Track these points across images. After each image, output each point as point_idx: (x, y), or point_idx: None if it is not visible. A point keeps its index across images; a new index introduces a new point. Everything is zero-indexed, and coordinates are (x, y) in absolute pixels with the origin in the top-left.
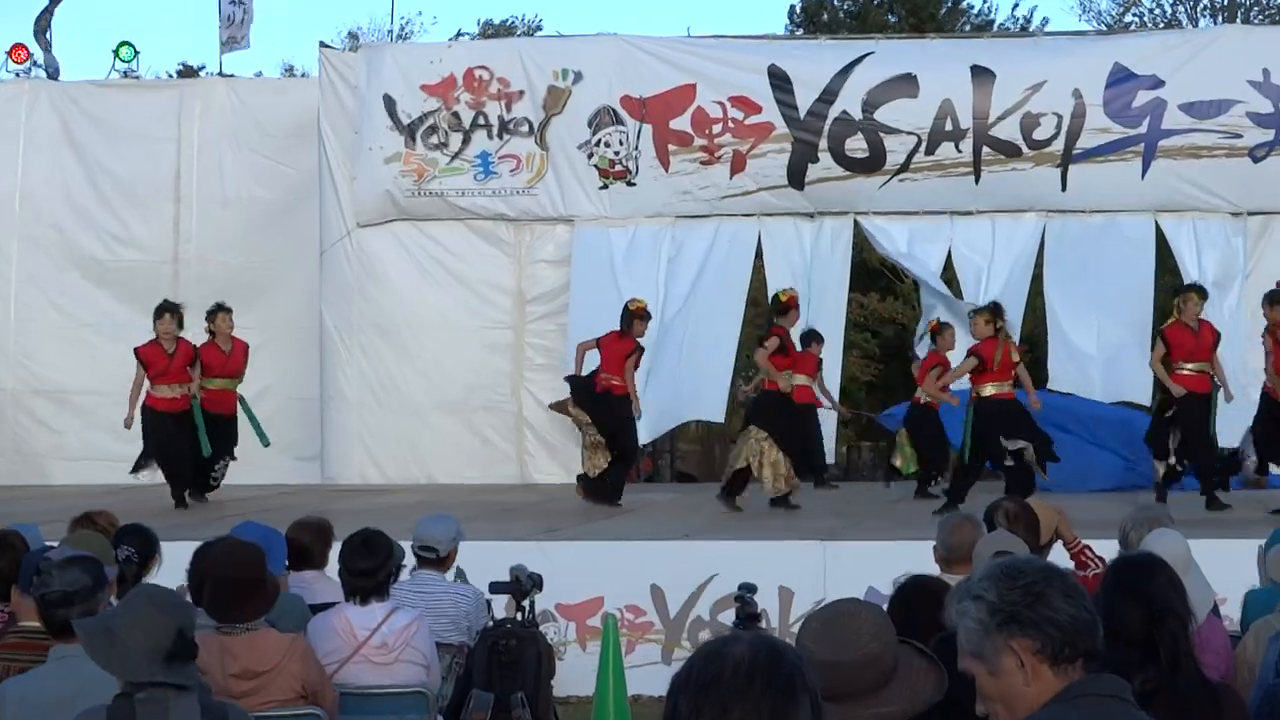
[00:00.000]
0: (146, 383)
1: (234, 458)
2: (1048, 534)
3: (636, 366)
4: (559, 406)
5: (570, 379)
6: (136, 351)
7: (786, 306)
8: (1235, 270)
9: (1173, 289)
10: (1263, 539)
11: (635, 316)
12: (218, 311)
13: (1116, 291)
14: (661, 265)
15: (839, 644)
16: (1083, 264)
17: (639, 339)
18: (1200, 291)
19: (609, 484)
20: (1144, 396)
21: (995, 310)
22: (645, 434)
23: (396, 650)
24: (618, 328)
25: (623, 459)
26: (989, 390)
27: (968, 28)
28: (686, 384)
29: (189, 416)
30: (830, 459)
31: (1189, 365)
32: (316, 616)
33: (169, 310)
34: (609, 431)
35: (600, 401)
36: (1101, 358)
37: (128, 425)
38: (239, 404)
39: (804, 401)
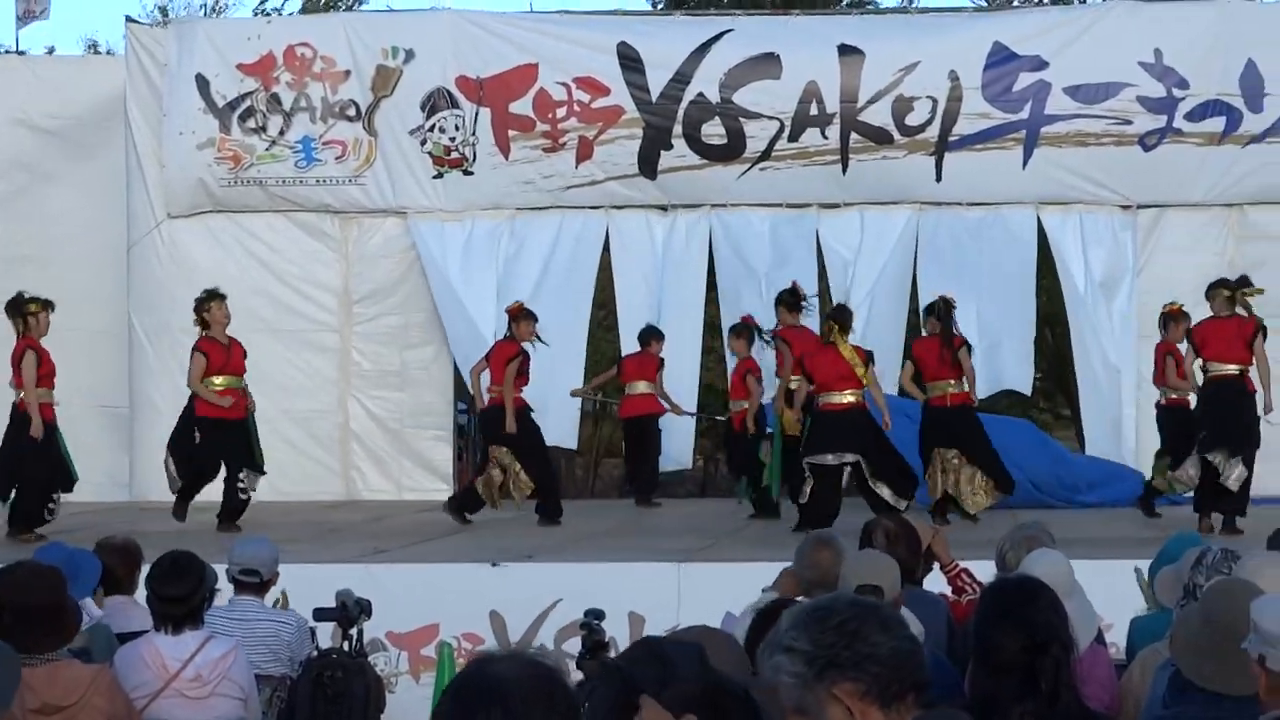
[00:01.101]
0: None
1: (262, 471)
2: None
3: (519, 373)
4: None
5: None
6: (34, 349)
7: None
8: (1124, 268)
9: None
10: (1149, 559)
11: (511, 318)
12: (210, 300)
13: (998, 280)
14: (499, 263)
15: None
16: (960, 257)
17: (524, 342)
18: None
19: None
20: (1025, 386)
21: (831, 316)
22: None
23: (211, 683)
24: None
25: (543, 471)
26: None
27: (844, 2)
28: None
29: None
30: (688, 466)
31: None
32: (124, 646)
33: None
34: (524, 450)
35: (496, 420)
36: (982, 345)
37: (37, 436)
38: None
39: (646, 412)
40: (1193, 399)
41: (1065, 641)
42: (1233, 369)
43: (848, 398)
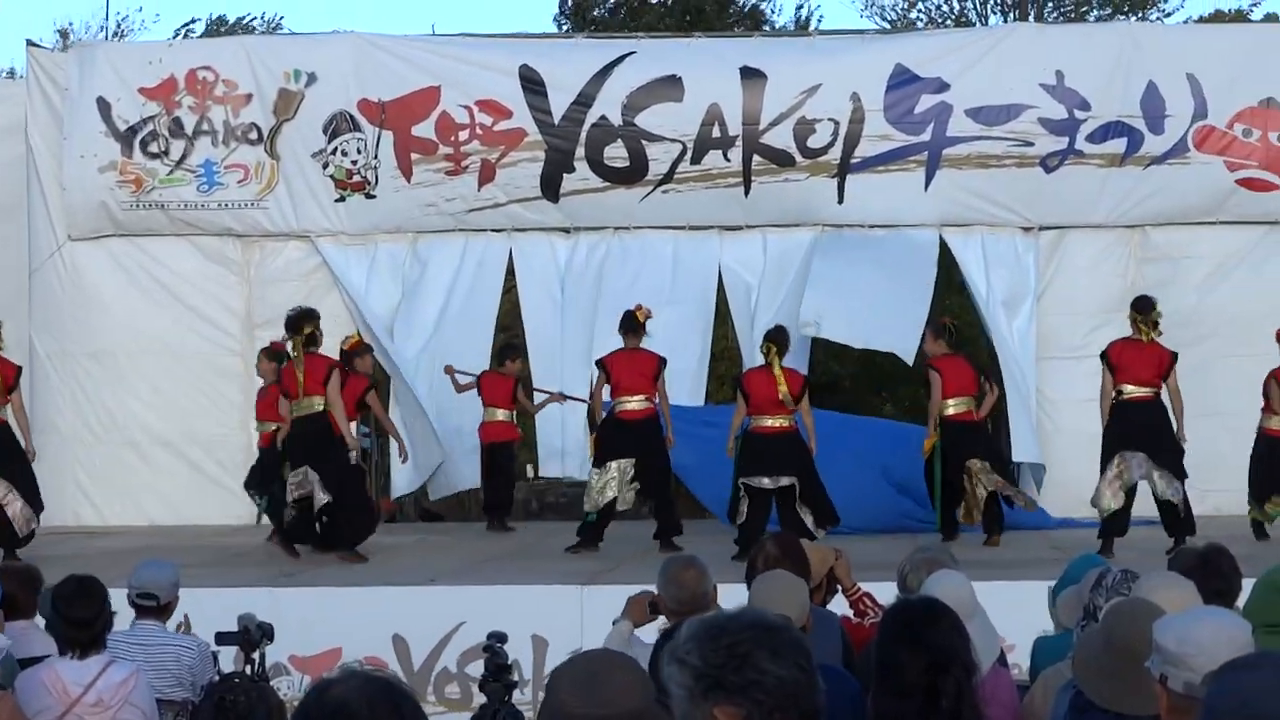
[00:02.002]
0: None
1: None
2: (819, 576)
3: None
4: None
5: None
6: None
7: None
8: (1026, 289)
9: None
10: (1053, 579)
11: (352, 354)
12: (312, 318)
13: (890, 297)
14: (403, 286)
15: (598, 699)
16: (855, 275)
17: (367, 374)
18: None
19: (338, 530)
20: (907, 351)
21: (770, 337)
22: (401, 487)
23: (113, 707)
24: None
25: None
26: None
27: (749, 22)
28: (437, 429)
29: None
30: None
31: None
32: (25, 672)
33: None
34: (335, 479)
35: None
36: (869, 294)
37: (31, 457)
38: None
39: (501, 439)
40: None
41: (967, 663)
42: (1148, 392)
43: (779, 422)
